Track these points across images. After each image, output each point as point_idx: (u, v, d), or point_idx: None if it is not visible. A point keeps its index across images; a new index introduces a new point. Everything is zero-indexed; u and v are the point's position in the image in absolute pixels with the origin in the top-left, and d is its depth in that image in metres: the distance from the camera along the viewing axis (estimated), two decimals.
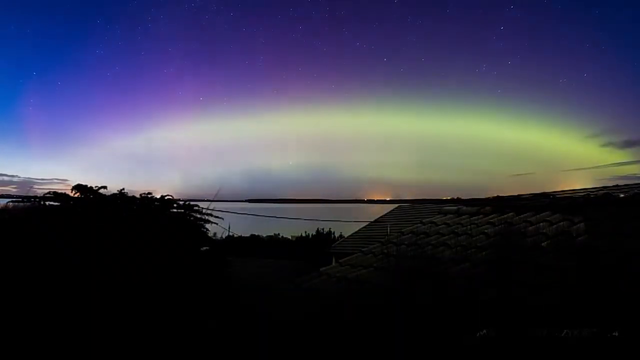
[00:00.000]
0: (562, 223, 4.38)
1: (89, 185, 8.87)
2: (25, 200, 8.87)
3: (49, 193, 8.71)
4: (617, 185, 5.48)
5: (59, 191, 8.77)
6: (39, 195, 8.83)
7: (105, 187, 9.08)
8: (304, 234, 28.30)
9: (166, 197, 10.02)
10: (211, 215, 10.25)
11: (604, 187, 5.49)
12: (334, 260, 14.32)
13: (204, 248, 10.34)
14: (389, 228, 16.00)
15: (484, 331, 2.57)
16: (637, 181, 5.64)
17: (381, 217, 20.52)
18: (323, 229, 27.77)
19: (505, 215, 5.23)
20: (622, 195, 4.60)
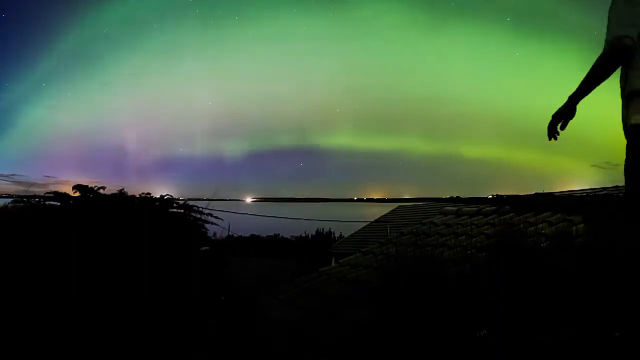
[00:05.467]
0: (562, 223, 4.38)
1: (89, 186, 8.88)
2: (25, 200, 8.87)
3: (49, 193, 8.73)
4: (617, 186, 5.47)
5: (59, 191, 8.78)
6: (38, 195, 8.83)
7: (104, 188, 9.10)
8: (303, 234, 28.37)
9: (165, 197, 10.02)
10: (211, 215, 10.26)
11: (604, 188, 5.49)
12: (333, 260, 14.33)
13: (204, 248, 10.35)
14: (389, 228, 16.00)
15: (484, 331, 2.57)
16: None
17: (381, 217, 20.52)
18: (323, 229, 27.83)
19: (506, 216, 5.23)
20: (621, 195, 4.60)
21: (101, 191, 8.94)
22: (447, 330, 2.74)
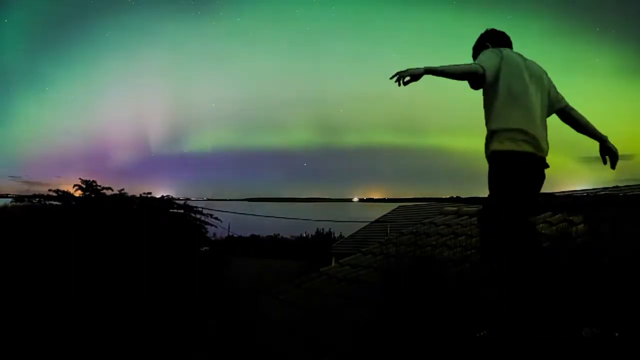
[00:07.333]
0: (562, 224, 4.38)
1: (93, 185, 8.88)
2: (26, 199, 8.87)
3: (51, 192, 8.71)
4: (616, 187, 5.48)
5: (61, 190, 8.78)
6: (38, 194, 8.82)
7: (110, 188, 9.10)
8: (304, 234, 28.30)
9: (166, 197, 10.04)
10: (211, 216, 10.26)
11: (604, 188, 5.49)
12: (333, 260, 14.33)
13: (204, 248, 10.36)
14: (389, 228, 16.01)
15: (484, 332, 2.57)
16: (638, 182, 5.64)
17: (381, 217, 20.51)
18: (323, 229, 27.76)
19: None
20: (621, 195, 4.60)
21: (104, 192, 8.93)
22: (447, 330, 2.74)
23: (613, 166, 2.81)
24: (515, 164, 2.58)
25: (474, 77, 2.60)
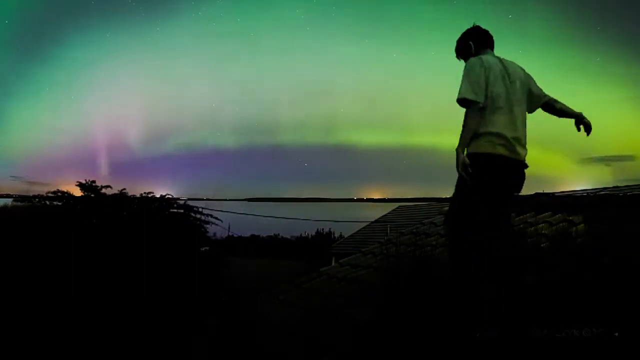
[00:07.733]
0: (562, 224, 4.38)
1: (93, 185, 8.88)
2: (26, 199, 8.87)
3: (51, 192, 8.71)
4: (616, 187, 5.48)
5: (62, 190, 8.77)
6: (38, 194, 8.82)
7: (109, 187, 9.11)
8: (304, 234, 28.29)
9: (166, 197, 10.03)
10: (211, 216, 10.27)
11: (604, 188, 5.50)
12: (333, 260, 14.32)
13: (204, 248, 10.35)
14: (389, 228, 15.99)
15: (484, 332, 2.57)
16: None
17: (381, 217, 20.52)
18: (323, 229, 27.76)
19: None
20: (621, 195, 4.61)
21: (104, 191, 8.93)
22: (447, 330, 2.74)
23: (588, 133, 2.98)
24: (491, 165, 2.71)
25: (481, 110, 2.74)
